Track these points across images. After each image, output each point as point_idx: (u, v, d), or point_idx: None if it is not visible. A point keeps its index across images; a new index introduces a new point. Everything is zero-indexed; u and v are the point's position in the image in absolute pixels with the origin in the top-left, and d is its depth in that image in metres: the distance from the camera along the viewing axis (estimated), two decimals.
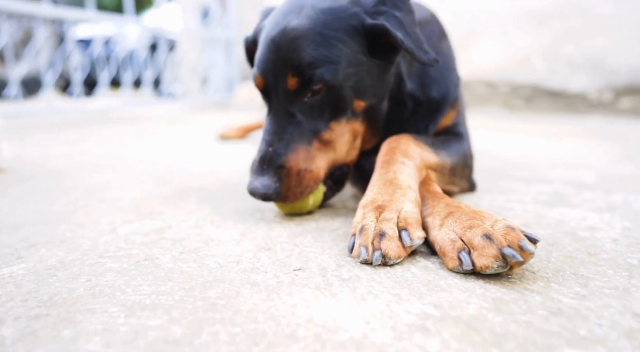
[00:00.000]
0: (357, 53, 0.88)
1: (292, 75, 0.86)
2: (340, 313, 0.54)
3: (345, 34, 0.86)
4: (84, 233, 0.87)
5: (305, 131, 0.89)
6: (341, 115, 0.91)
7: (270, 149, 0.87)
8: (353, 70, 0.88)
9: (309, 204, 0.95)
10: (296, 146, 0.88)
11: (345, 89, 0.88)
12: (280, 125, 0.88)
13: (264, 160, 0.88)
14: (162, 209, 1.04)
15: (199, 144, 2.27)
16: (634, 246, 0.78)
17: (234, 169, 1.57)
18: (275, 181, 0.86)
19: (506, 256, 0.60)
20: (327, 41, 0.85)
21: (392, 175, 0.84)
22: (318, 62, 0.84)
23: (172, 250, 0.77)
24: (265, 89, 0.91)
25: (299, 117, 0.88)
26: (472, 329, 0.50)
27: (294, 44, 0.85)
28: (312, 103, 0.88)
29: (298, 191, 0.89)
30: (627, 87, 3.39)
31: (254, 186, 0.87)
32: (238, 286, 0.62)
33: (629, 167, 1.56)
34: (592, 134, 2.55)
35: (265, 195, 0.86)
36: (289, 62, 0.85)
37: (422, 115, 1.08)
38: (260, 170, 0.88)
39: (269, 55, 0.88)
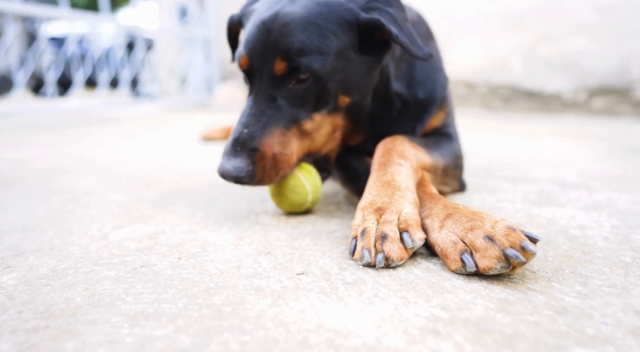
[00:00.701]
0: (348, 48, 0.88)
1: (280, 60, 0.85)
2: (349, 318, 0.54)
3: (339, 27, 0.86)
4: (73, 240, 0.84)
5: (284, 117, 0.88)
6: (324, 107, 0.91)
7: (246, 131, 0.86)
8: (342, 64, 0.88)
9: (308, 202, 0.95)
10: (272, 129, 0.87)
11: (332, 83, 0.88)
12: (259, 108, 0.87)
13: (237, 142, 0.85)
14: (153, 213, 1.02)
15: (182, 145, 2.23)
16: (624, 244, 0.80)
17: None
18: (248, 164, 0.85)
19: (509, 257, 0.61)
20: (319, 31, 0.85)
21: (390, 176, 0.84)
22: (308, 51, 0.84)
23: (169, 256, 0.75)
24: (249, 70, 0.89)
25: (281, 102, 0.88)
26: (483, 331, 0.50)
27: (285, 29, 0.84)
28: (297, 91, 0.87)
29: (273, 173, 0.88)
30: (600, 88, 3.50)
31: (224, 168, 0.84)
32: (242, 292, 0.61)
33: (608, 166, 1.60)
34: (568, 134, 2.62)
35: (237, 178, 0.85)
36: (278, 46, 0.84)
37: (410, 116, 1.08)
38: (232, 152, 0.85)
39: (258, 37, 0.87)
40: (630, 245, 0.80)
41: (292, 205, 0.95)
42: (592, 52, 3.48)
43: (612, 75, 3.44)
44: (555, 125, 3.04)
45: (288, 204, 0.95)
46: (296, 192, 0.93)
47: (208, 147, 2.19)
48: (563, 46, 3.57)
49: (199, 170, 1.56)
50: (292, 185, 0.93)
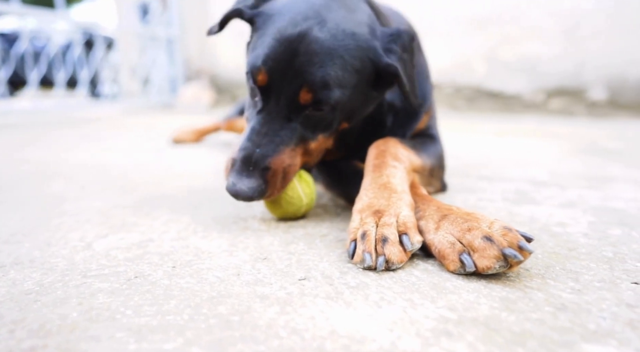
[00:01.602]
0: (364, 84, 0.89)
1: (307, 91, 0.83)
2: (360, 322, 0.54)
3: (361, 64, 0.86)
4: (54, 251, 0.80)
5: (296, 137, 0.88)
6: (328, 130, 0.92)
7: (258, 151, 0.84)
8: (356, 98, 0.90)
9: (302, 211, 0.95)
10: (284, 148, 0.87)
11: (342, 113, 0.90)
12: (273, 128, 0.86)
13: (250, 161, 0.84)
14: (135, 220, 0.98)
15: (151, 148, 2.17)
16: (603, 240, 0.84)
17: (196, 175, 1.51)
18: (260, 184, 0.84)
19: (507, 256, 0.63)
20: (345, 67, 0.84)
21: (386, 179, 0.85)
22: (333, 85, 0.83)
23: (162, 265, 0.72)
24: (265, 87, 0.86)
25: (295, 125, 0.87)
26: (492, 330, 0.52)
27: (313, 59, 0.82)
28: (311, 116, 0.87)
29: (281, 186, 0.89)
30: (557, 90, 3.67)
31: (239, 188, 0.83)
32: (247, 300, 0.60)
33: (573, 165, 1.68)
34: (531, 133, 2.73)
35: (251, 198, 0.84)
36: (305, 75, 0.82)
37: (399, 123, 1.10)
38: (245, 172, 0.84)
39: (281, 56, 0.83)
40: (608, 241, 0.84)
41: (287, 213, 0.94)
42: (548, 55, 3.64)
43: (567, 77, 3.62)
44: (518, 125, 3.17)
45: (282, 212, 0.94)
46: (292, 203, 0.93)
47: (179, 149, 2.14)
48: (522, 49, 3.72)
49: (175, 174, 1.51)
50: (289, 196, 0.92)
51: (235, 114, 2.06)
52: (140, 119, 3.80)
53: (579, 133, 2.75)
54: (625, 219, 0.98)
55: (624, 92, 3.51)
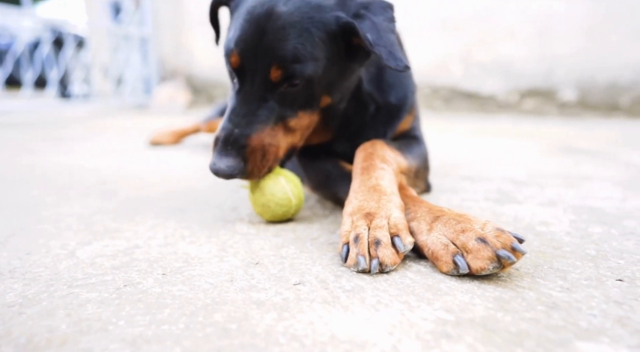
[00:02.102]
0: (335, 54, 0.89)
1: (276, 67, 0.85)
2: (360, 326, 0.54)
3: (328, 35, 0.87)
4: (35, 260, 0.77)
5: (274, 116, 0.89)
6: (308, 106, 0.93)
7: (237, 130, 0.87)
8: (330, 69, 0.90)
9: (291, 213, 0.95)
10: (262, 127, 0.89)
11: (320, 86, 0.90)
12: (250, 108, 0.88)
13: (228, 141, 0.87)
14: (118, 226, 0.96)
15: (127, 150, 2.12)
16: (585, 238, 0.87)
17: (179, 178, 1.48)
18: (239, 161, 0.87)
19: (501, 258, 0.64)
20: (312, 38, 0.85)
21: (375, 181, 0.85)
22: (303, 58, 0.84)
23: (151, 272, 0.71)
24: (239, 68, 0.88)
25: (271, 103, 0.89)
26: (490, 331, 0.53)
27: (281, 34, 0.84)
28: (287, 93, 0.89)
29: (262, 165, 0.91)
30: (530, 90, 3.77)
31: (218, 167, 0.87)
32: (243, 307, 0.59)
33: (549, 164, 1.73)
34: (507, 133, 2.79)
35: (230, 175, 0.88)
36: (274, 51, 0.84)
37: (382, 120, 1.11)
38: (224, 151, 0.87)
39: (250, 36, 0.85)
40: (590, 239, 0.87)
41: (276, 215, 0.94)
42: (521, 56, 3.74)
43: (540, 78, 3.73)
44: (494, 125, 3.24)
45: (271, 214, 0.94)
46: (282, 205, 0.93)
47: (158, 151, 2.09)
48: (496, 51, 3.80)
49: (156, 177, 1.48)
50: (278, 198, 0.92)
51: (217, 114, 2.03)
52: (114, 120, 3.71)
53: (552, 133, 2.83)
54: (604, 217, 1.01)
55: (593, 93, 3.63)
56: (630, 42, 3.49)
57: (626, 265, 0.73)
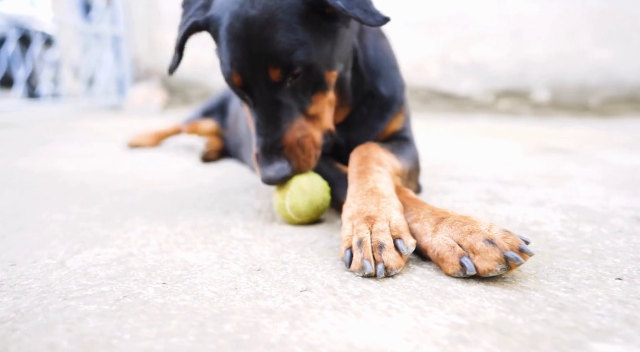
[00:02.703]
0: (317, 30, 0.89)
1: (273, 67, 0.86)
2: (375, 334, 0.53)
3: (300, 17, 0.87)
4: (23, 271, 0.73)
5: (293, 111, 0.92)
6: (319, 89, 0.94)
7: (269, 139, 0.90)
8: (320, 46, 0.90)
9: (321, 209, 0.96)
10: (289, 124, 0.91)
11: (319, 65, 0.91)
12: (270, 114, 0.90)
13: (266, 150, 0.91)
14: (107, 232, 0.92)
15: (106, 153, 2.05)
16: (578, 237, 0.89)
17: (164, 181, 1.44)
18: (283, 161, 0.91)
19: (509, 259, 0.64)
20: (289, 26, 0.86)
21: (372, 184, 0.85)
22: (291, 48, 0.85)
23: (150, 282, 0.68)
24: (244, 86, 0.90)
25: (285, 101, 0.90)
26: (505, 334, 0.53)
27: (262, 35, 0.84)
28: (294, 85, 0.90)
29: (306, 156, 0.93)
30: (505, 91, 3.86)
31: (268, 176, 0.91)
32: (253, 316, 0.57)
33: (532, 163, 1.77)
34: (485, 133, 2.85)
35: (281, 177, 0.91)
36: (264, 54, 0.85)
37: (375, 112, 1.13)
38: (267, 160, 0.91)
39: (240, 51, 0.87)
40: (583, 238, 0.88)
41: (316, 213, 0.96)
42: (496, 58, 3.82)
43: (514, 79, 3.82)
44: (472, 125, 3.29)
45: (313, 212, 0.95)
46: (324, 201, 0.97)
47: (138, 154, 2.04)
48: (472, 52, 3.88)
49: (140, 181, 1.44)
50: (322, 195, 0.96)
51: (199, 115, 1.99)
52: (87, 121, 3.60)
53: (528, 132, 2.90)
54: (591, 216, 1.04)
55: (564, 94, 3.75)
56: (598, 46, 3.61)
57: (622, 263, 0.75)
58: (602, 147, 2.25)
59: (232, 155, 1.86)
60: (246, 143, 1.58)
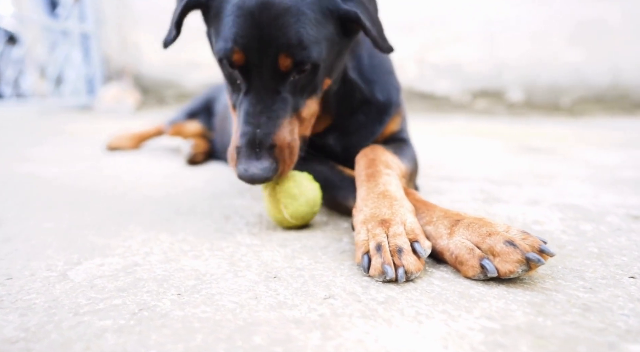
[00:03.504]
0: (333, 34, 0.89)
1: (285, 56, 0.82)
2: (411, 341, 0.52)
3: (323, 16, 0.86)
4: (22, 285, 0.68)
5: (289, 108, 0.88)
6: (314, 92, 0.92)
7: (259, 131, 0.84)
8: (330, 50, 0.89)
9: (317, 201, 0.94)
10: (282, 122, 0.87)
11: (323, 69, 0.90)
12: (265, 104, 0.85)
13: (254, 143, 0.84)
14: (106, 241, 0.88)
15: (85, 156, 1.98)
16: (581, 236, 0.91)
17: (150, 185, 1.40)
18: (272, 162, 0.85)
19: (530, 260, 0.64)
20: (310, 21, 0.83)
21: (383, 187, 0.84)
22: (307, 42, 0.83)
23: (165, 293, 0.65)
24: (243, 66, 0.85)
25: (284, 94, 0.87)
26: (539, 338, 0.53)
27: (280, 22, 0.81)
28: (297, 81, 0.87)
29: (290, 161, 0.89)
30: (481, 91, 3.94)
31: (252, 173, 0.83)
32: (281, 327, 0.55)
33: (517, 162, 1.81)
34: (465, 132, 2.90)
35: (267, 178, 0.84)
36: (278, 41, 0.81)
37: (372, 117, 1.12)
38: (253, 154, 0.84)
39: (250, 31, 0.82)
40: (586, 236, 0.90)
41: (305, 218, 0.94)
42: (472, 59, 3.90)
43: (489, 79, 3.91)
44: (451, 124, 3.35)
45: (302, 216, 0.93)
46: (314, 204, 0.94)
47: (119, 157, 1.97)
48: (449, 53, 3.94)
49: (124, 185, 1.39)
50: (312, 197, 0.93)
51: (183, 117, 1.94)
52: (56, 122, 3.46)
53: (507, 132, 2.97)
54: (587, 214, 1.06)
55: (537, 94, 3.86)
56: (569, 47, 3.74)
57: (630, 262, 0.76)
58: (578, 145, 2.32)
59: (220, 158, 1.81)
60: None
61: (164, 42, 0.97)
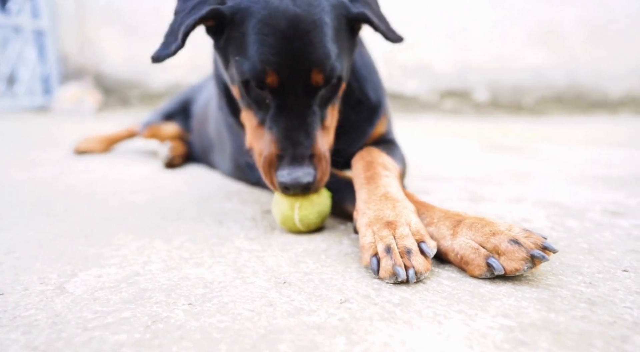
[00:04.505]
0: (347, 40, 0.91)
1: (317, 72, 0.83)
2: (437, 342, 0.53)
3: (339, 22, 0.87)
4: (17, 300, 0.64)
5: (318, 120, 0.89)
6: (333, 101, 0.94)
7: (301, 147, 0.85)
8: (348, 58, 0.92)
9: (325, 217, 0.94)
10: (317, 133, 0.88)
11: (344, 78, 0.91)
12: (300, 120, 0.86)
13: (297, 156, 0.85)
14: (97, 251, 0.84)
15: (51, 160, 1.89)
16: (569, 232, 0.94)
17: (130, 190, 1.35)
18: (314, 168, 0.86)
19: (535, 257, 0.66)
20: (334, 33, 0.85)
21: (383, 189, 0.84)
22: (334, 56, 0.84)
23: (175, 303, 0.63)
24: (277, 86, 0.84)
25: (314, 108, 0.88)
26: (557, 334, 0.54)
27: (309, 38, 0.81)
28: (324, 95, 0.89)
29: (325, 176, 0.90)
30: (448, 91, 4.04)
31: (296, 176, 0.83)
32: (304, 334, 0.55)
33: (491, 161, 1.86)
34: (437, 131, 2.96)
35: (308, 183, 0.84)
36: (310, 57, 0.82)
37: (363, 116, 1.14)
38: (295, 162, 0.84)
39: (281, 49, 0.81)
40: (574, 232, 0.94)
41: (314, 225, 0.93)
42: (440, 59, 4.00)
43: (456, 80, 4.02)
44: (423, 124, 3.42)
45: (314, 223, 0.92)
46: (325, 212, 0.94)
47: (89, 161, 1.89)
48: (417, 54, 4.02)
49: (103, 191, 1.33)
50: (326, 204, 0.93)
51: (159, 118, 1.88)
52: (11, 124, 3.28)
53: (476, 130, 3.06)
54: (569, 211, 1.11)
55: (501, 94, 4.00)
56: (531, 49, 3.90)
57: (620, 255, 0.80)
58: (544, 143, 2.42)
59: (198, 160, 1.77)
60: (217, 147, 1.51)
61: (157, 56, 0.87)
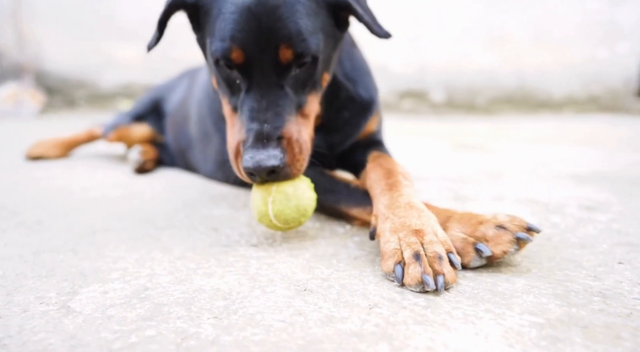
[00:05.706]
0: (327, 25, 0.89)
1: (285, 48, 0.81)
2: (479, 343, 0.53)
3: (317, 5, 0.86)
4: (20, 324, 0.59)
5: (292, 104, 0.86)
6: (314, 88, 0.91)
7: (267, 125, 0.81)
8: (326, 43, 0.89)
9: (309, 211, 0.88)
10: (288, 118, 0.84)
11: (322, 62, 0.89)
12: (269, 99, 0.83)
13: (261, 136, 0.80)
14: (92, 265, 0.78)
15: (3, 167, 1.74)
16: (556, 228, 0.99)
17: (106, 198, 1.27)
18: (281, 151, 0.81)
19: (520, 239, 0.71)
20: (306, 12, 0.83)
21: (407, 198, 0.83)
22: (306, 33, 0.82)
23: (199, 318, 0.60)
24: (244, 63, 0.82)
25: (287, 90, 0.85)
26: (585, 328, 0.57)
27: (276, 14, 0.80)
28: (297, 76, 0.86)
29: (301, 159, 0.85)
30: (406, 92, 4.15)
31: (259, 159, 0.78)
32: (344, 343, 0.54)
33: (461, 161, 1.93)
34: (400, 131, 3.03)
35: (273, 166, 0.79)
36: (277, 33, 0.80)
37: (358, 114, 1.15)
38: (260, 144, 0.80)
39: (246, 25, 0.80)
40: (560, 228, 0.99)
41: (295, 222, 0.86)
42: (398, 61, 4.09)
43: (414, 81, 4.13)
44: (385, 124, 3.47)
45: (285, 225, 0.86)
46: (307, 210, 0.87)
47: (48, 167, 1.76)
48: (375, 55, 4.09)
49: (73, 199, 1.25)
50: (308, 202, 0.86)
51: (128, 120, 1.76)
52: None
53: (437, 130, 3.15)
54: (549, 207, 1.16)
55: (456, 94, 4.16)
56: (483, 52, 4.08)
57: (610, 249, 0.85)
58: (503, 141, 2.54)
59: (173, 163, 1.69)
60: (199, 145, 1.46)
61: (148, 47, 0.93)
